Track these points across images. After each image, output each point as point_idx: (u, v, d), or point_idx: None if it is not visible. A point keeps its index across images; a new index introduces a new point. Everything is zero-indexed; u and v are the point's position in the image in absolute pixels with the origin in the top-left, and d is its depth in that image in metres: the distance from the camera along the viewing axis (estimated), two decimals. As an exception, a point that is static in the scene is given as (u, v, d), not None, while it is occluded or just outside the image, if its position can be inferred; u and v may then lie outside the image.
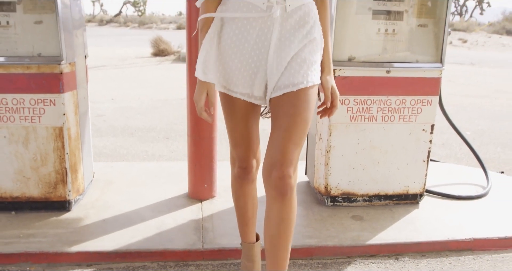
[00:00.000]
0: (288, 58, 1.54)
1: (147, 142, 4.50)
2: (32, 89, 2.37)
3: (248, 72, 1.57)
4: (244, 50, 1.55)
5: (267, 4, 1.50)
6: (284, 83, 1.53)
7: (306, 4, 1.57)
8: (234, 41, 1.55)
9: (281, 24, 1.53)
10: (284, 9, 1.53)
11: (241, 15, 1.52)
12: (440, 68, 2.57)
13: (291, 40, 1.55)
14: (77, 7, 2.56)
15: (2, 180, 2.49)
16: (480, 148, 4.56)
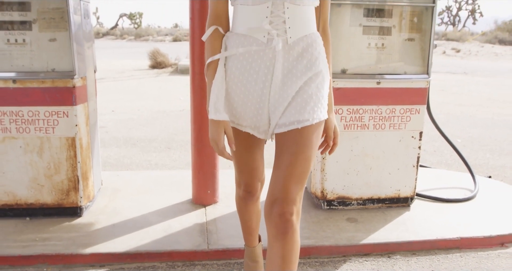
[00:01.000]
0: (292, 92, 1.52)
1: (150, 152, 4.66)
2: (46, 102, 2.54)
3: (255, 106, 1.55)
4: (248, 85, 1.54)
5: (267, 37, 1.50)
6: (289, 120, 1.50)
7: (309, 35, 1.55)
8: (238, 75, 1.54)
9: (284, 56, 1.51)
10: (286, 41, 1.51)
11: (243, 50, 1.52)
12: (426, 79, 2.76)
13: (294, 73, 1.52)
14: (87, 25, 2.75)
15: (18, 187, 2.65)
16: (470, 154, 4.75)
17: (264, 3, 1.48)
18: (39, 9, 2.49)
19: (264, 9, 1.49)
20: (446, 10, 42.46)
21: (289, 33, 1.50)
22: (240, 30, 1.54)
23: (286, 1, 1.48)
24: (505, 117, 7.06)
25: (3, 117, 2.55)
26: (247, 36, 1.52)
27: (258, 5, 1.49)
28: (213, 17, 1.59)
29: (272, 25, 1.49)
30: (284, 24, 1.50)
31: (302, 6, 1.51)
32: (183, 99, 8.08)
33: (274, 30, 1.48)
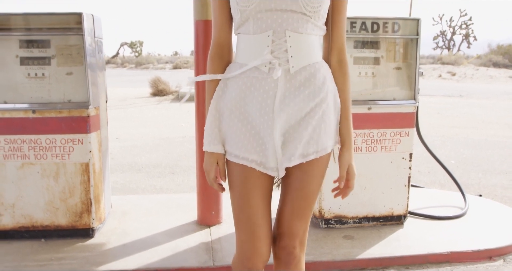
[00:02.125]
0: (295, 124, 1.47)
1: (154, 177, 4.84)
2: (63, 131, 2.75)
3: (257, 137, 1.47)
4: (248, 114, 1.48)
5: (269, 66, 1.45)
6: (294, 154, 1.46)
7: (312, 65, 1.49)
8: (238, 104, 1.49)
9: (285, 85, 1.46)
10: (288, 71, 1.46)
11: (242, 75, 1.48)
12: (414, 104, 2.98)
13: (296, 102, 1.47)
14: (100, 59, 2.98)
15: (35, 210, 2.83)
16: (463, 174, 4.94)
17: (265, 32, 1.44)
18: (58, 46, 2.73)
19: (265, 38, 1.45)
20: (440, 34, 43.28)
21: (291, 63, 1.45)
22: (242, 59, 1.50)
23: (287, 30, 1.44)
24: (498, 139, 7.27)
25: (22, 145, 2.75)
26: (249, 65, 1.47)
27: (259, 34, 1.45)
28: (215, 47, 1.56)
29: (274, 54, 1.45)
30: (286, 53, 1.45)
31: (305, 34, 1.47)
32: (185, 126, 8.31)
33: (275, 60, 1.44)
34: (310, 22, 1.46)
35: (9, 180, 2.79)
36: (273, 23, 1.44)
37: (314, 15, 1.45)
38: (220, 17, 1.54)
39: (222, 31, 1.55)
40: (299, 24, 1.45)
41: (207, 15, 2.81)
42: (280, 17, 1.43)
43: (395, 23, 2.85)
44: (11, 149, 2.76)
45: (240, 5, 1.44)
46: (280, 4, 1.41)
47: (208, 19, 2.80)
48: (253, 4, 1.42)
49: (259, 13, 1.43)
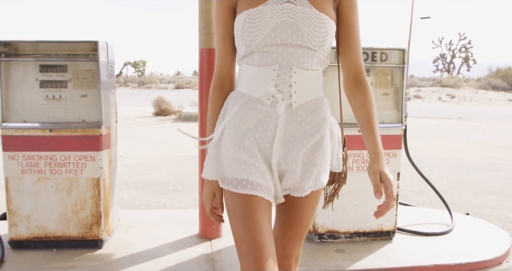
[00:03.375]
0: (295, 159, 1.48)
1: (158, 194, 5.06)
2: (76, 148, 2.98)
3: (258, 164, 1.46)
4: (249, 143, 1.47)
5: (272, 100, 1.45)
6: (293, 187, 1.50)
7: (314, 101, 1.51)
8: (239, 136, 1.48)
9: (286, 119, 1.47)
10: (290, 106, 1.46)
11: (246, 106, 1.47)
12: (401, 127, 3.22)
13: (296, 137, 1.49)
14: (112, 83, 3.23)
15: (48, 222, 3.05)
16: (454, 194, 5.14)
17: (271, 66, 1.45)
18: (74, 71, 2.99)
19: (271, 72, 1.45)
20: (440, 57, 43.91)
21: (294, 98, 1.46)
22: (244, 89, 1.51)
23: (293, 65, 1.45)
24: (492, 161, 7.49)
25: (39, 161, 2.98)
26: (252, 97, 1.48)
27: (265, 66, 1.45)
28: (217, 79, 1.59)
29: (278, 88, 1.45)
30: (290, 88, 1.46)
31: (310, 71, 1.48)
32: (187, 146, 8.55)
33: (279, 94, 1.44)
34: (316, 57, 1.48)
35: (26, 193, 3.01)
36: (278, 57, 1.44)
37: (319, 49, 1.46)
38: (223, 49, 1.56)
39: (224, 63, 1.57)
40: (304, 59, 1.45)
41: (211, 44, 3.07)
42: (286, 52, 1.44)
43: (383, 53, 3.11)
44: (28, 164, 2.99)
45: (245, 39, 1.44)
46: (286, 38, 1.43)
47: (212, 48, 3.06)
48: (259, 39, 1.43)
49: (264, 47, 1.44)
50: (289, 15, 1.43)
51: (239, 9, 1.47)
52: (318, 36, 1.43)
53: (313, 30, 1.43)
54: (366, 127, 1.55)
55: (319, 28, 1.43)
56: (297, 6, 1.43)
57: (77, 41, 2.97)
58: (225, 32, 1.53)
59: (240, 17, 1.45)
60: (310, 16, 1.43)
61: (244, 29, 1.43)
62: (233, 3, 1.50)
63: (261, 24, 1.42)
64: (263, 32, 1.42)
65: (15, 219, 3.03)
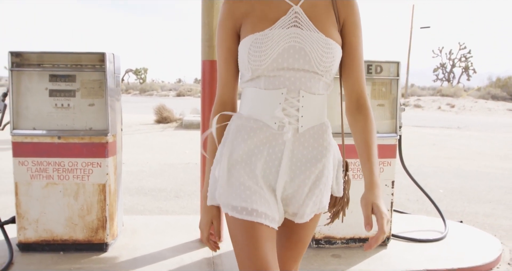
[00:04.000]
0: (300, 184, 1.47)
1: (160, 200, 5.18)
2: (84, 155, 3.11)
3: (262, 190, 1.43)
4: (255, 167, 1.44)
5: (278, 124, 1.43)
6: (293, 211, 1.50)
7: (320, 125, 1.50)
8: (244, 159, 1.45)
9: (293, 144, 1.46)
10: (296, 130, 1.45)
11: (250, 129, 1.45)
12: (395, 137, 3.34)
13: (303, 162, 1.47)
14: (118, 92, 3.36)
15: (55, 226, 3.16)
16: (449, 203, 5.26)
17: (279, 89, 1.43)
18: (82, 81, 3.13)
19: (278, 95, 1.43)
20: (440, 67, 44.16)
21: (301, 122, 1.45)
22: (249, 112, 1.48)
23: (301, 89, 1.43)
24: (488, 170, 7.60)
25: (47, 167, 3.11)
26: (257, 120, 1.45)
27: (272, 90, 1.44)
28: (218, 105, 1.56)
29: (285, 112, 1.43)
30: (297, 112, 1.44)
31: (317, 95, 1.47)
32: (188, 153, 8.67)
33: (286, 118, 1.43)
34: (322, 81, 1.47)
35: (34, 197, 3.13)
36: (286, 81, 1.43)
37: (326, 74, 1.45)
38: (225, 74, 1.54)
39: (226, 89, 1.55)
40: (311, 83, 1.44)
41: (213, 56, 3.21)
42: (293, 76, 1.43)
43: (378, 66, 3.25)
44: (37, 170, 3.11)
45: (252, 64, 1.42)
46: (293, 63, 1.41)
47: (214, 60, 3.19)
48: (266, 64, 1.41)
49: (271, 71, 1.42)
50: (296, 39, 1.42)
51: (244, 33, 1.46)
52: (325, 61, 1.43)
53: (320, 55, 1.42)
54: (364, 155, 1.52)
55: (326, 53, 1.42)
56: (304, 30, 1.43)
57: (85, 52, 3.11)
58: (228, 55, 1.52)
59: (246, 41, 1.43)
60: (317, 41, 1.42)
61: (251, 53, 1.41)
62: (237, 26, 1.49)
63: (268, 49, 1.40)
64: (270, 57, 1.40)
65: (23, 222, 3.15)
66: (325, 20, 1.47)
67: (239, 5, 1.49)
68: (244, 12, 1.48)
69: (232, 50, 1.51)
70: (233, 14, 1.49)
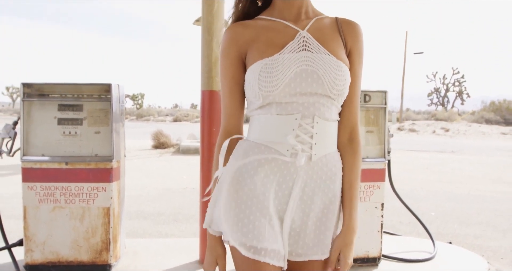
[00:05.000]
0: (313, 217, 1.41)
1: (159, 224, 5.32)
2: (89, 180, 3.29)
3: (269, 223, 1.37)
4: (265, 200, 1.38)
5: (291, 151, 1.37)
6: (306, 252, 1.42)
7: (332, 154, 1.45)
8: (252, 189, 1.39)
9: (307, 173, 1.40)
10: (309, 158, 1.39)
11: (261, 157, 1.39)
12: (384, 161, 3.54)
13: (315, 192, 1.42)
14: (122, 120, 3.56)
15: (61, 248, 3.32)
16: (440, 225, 5.42)
17: (292, 115, 1.38)
18: (89, 110, 3.33)
19: (292, 121, 1.38)
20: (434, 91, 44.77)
21: (314, 150, 1.39)
22: (258, 138, 1.42)
23: (315, 115, 1.38)
24: (479, 193, 7.78)
25: (55, 191, 3.28)
26: (268, 147, 1.40)
27: (285, 115, 1.38)
28: (223, 135, 1.50)
29: (298, 139, 1.38)
30: (311, 139, 1.39)
31: (331, 121, 1.43)
32: (186, 178, 8.83)
33: (299, 145, 1.37)
34: (334, 105, 1.43)
35: (42, 221, 3.29)
36: (299, 106, 1.38)
37: (338, 97, 1.42)
38: (231, 105, 1.49)
39: (232, 120, 1.49)
40: (325, 108, 1.40)
41: (212, 86, 3.42)
42: (307, 101, 1.38)
43: (366, 95, 3.47)
44: (45, 194, 3.29)
45: (263, 90, 1.37)
46: (306, 87, 1.37)
47: (213, 90, 3.41)
48: (278, 89, 1.36)
49: (283, 97, 1.37)
50: (307, 63, 1.38)
51: (251, 60, 1.42)
52: (338, 84, 1.39)
53: (333, 78, 1.38)
54: (347, 196, 1.47)
55: (339, 76, 1.39)
56: (314, 53, 1.40)
57: (92, 83, 3.33)
58: (233, 84, 1.47)
59: (255, 68, 1.39)
60: (329, 64, 1.39)
61: (261, 79, 1.36)
62: (242, 54, 1.45)
63: (279, 74, 1.35)
64: (282, 82, 1.35)
65: (31, 244, 3.30)
66: (333, 43, 1.45)
67: (243, 32, 1.45)
68: (248, 39, 1.44)
69: (237, 78, 1.46)
70: (237, 41, 1.45)
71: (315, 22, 1.47)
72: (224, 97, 1.50)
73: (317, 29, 1.45)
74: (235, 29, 1.47)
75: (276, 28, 1.44)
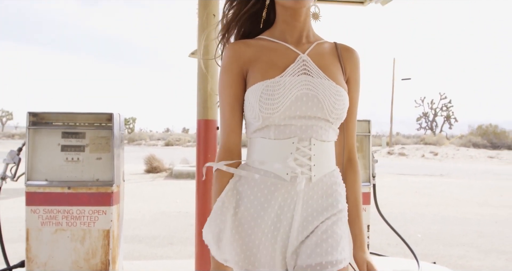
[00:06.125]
0: (316, 231, 1.41)
1: (155, 247, 5.47)
2: (91, 203, 3.47)
3: (269, 248, 1.40)
4: (264, 224, 1.40)
5: (291, 174, 1.39)
6: (309, 264, 1.37)
7: (331, 173, 1.47)
8: (252, 213, 1.41)
9: (307, 194, 1.42)
10: (309, 179, 1.41)
11: (261, 182, 1.41)
12: (369, 185, 3.76)
13: (319, 211, 1.43)
14: (122, 147, 3.77)
15: (62, 269, 3.46)
16: (426, 246, 5.62)
17: (289, 139, 1.40)
18: (91, 137, 3.54)
19: (289, 145, 1.40)
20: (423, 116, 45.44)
21: (313, 171, 1.42)
22: (258, 164, 1.44)
23: (312, 137, 1.41)
24: (465, 215, 8.00)
25: (57, 214, 3.45)
26: (267, 172, 1.42)
27: (282, 139, 1.41)
28: (223, 152, 1.49)
29: (297, 162, 1.40)
30: (309, 161, 1.41)
31: (327, 142, 1.45)
32: (179, 202, 8.98)
33: (298, 168, 1.39)
34: (331, 128, 1.46)
35: (44, 242, 3.45)
36: (297, 130, 1.41)
37: (336, 121, 1.45)
38: (231, 122, 1.49)
39: (232, 136, 1.50)
40: (322, 131, 1.43)
41: (207, 116, 3.64)
42: (304, 124, 1.40)
43: (351, 123, 3.71)
44: (48, 217, 3.45)
45: (263, 112, 1.39)
46: (306, 111, 1.39)
47: (208, 119, 3.63)
48: (279, 112, 1.38)
49: (283, 120, 1.40)
50: (308, 87, 1.40)
51: (252, 80, 1.44)
52: (337, 109, 1.42)
53: (333, 103, 1.41)
54: (353, 212, 1.54)
55: (338, 100, 1.42)
56: (314, 78, 1.43)
57: (95, 112, 3.54)
58: (234, 101, 1.47)
59: (256, 89, 1.41)
60: (329, 89, 1.42)
61: (262, 101, 1.38)
62: (244, 71, 1.47)
63: (280, 97, 1.38)
64: (283, 105, 1.37)
65: (32, 266, 3.45)
66: (333, 68, 1.49)
67: (246, 50, 1.48)
68: (250, 58, 1.46)
69: (238, 95, 1.47)
70: (239, 58, 1.47)
71: (316, 47, 1.51)
72: (225, 113, 1.50)
73: (318, 53, 1.50)
74: (237, 46, 1.49)
75: (278, 50, 1.48)
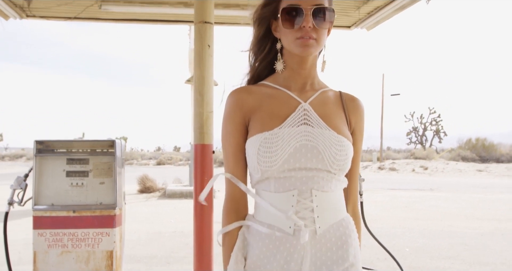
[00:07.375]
0: None
1: (153, 266, 5.65)
2: (94, 225, 3.68)
3: None
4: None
5: (294, 227, 1.36)
6: None
7: (340, 221, 1.43)
8: (259, 265, 1.39)
9: (315, 247, 1.38)
10: (314, 232, 1.37)
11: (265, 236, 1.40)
12: (355, 202, 4.01)
13: (328, 264, 1.38)
14: (123, 171, 4.00)
15: (68, 289, 3.66)
16: (414, 260, 5.86)
17: (289, 191, 1.37)
18: (94, 163, 3.77)
19: (290, 198, 1.37)
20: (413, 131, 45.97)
21: (317, 223, 1.37)
22: (262, 218, 1.43)
23: (313, 188, 1.37)
24: (452, 229, 8.26)
25: (63, 237, 3.66)
26: (271, 225, 1.40)
27: (282, 192, 1.38)
28: (230, 202, 1.49)
29: (299, 215, 1.36)
30: (312, 213, 1.37)
31: (331, 192, 1.40)
32: (174, 222, 9.15)
33: (301, 221, 1.35)
34: (334, 179, 1.41)
35: (50, 264, 3.65)
36: (297, 182, 1.37)
37: (339, 172, 1.40)
38: (234, 170, 1.48)
39: (237, 185, 1.48)
40: (324, 182, 1.38)
41: (203, 141, 3.89)
42: (305, 176, 1.37)
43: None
44: (54, 240, 3.66)
45: (262, 165, 1.37)
46: (305, 163, 1.36)
47: (204, 144, 3.88)
48: (277, 165, 1.35)
49: (282, 173, 1.37)
50: (307, 138, 1.38)
51: (252, 130, 1.43)
52: (339, 160, 1.38)
53: (334, 153, 1.37)
54: None
55: (339, 151, 1.38)
56: (315, 128, 1.40)
57: (98, 140, 3.78)
58: (237, 150, 1.47)
59: (255, 140, 1.39)
60: (330, 139, 1.39)
61: (260, 154, 1.37)
62: (246, 120, 1.45)
63: (278, 149, 1.35)
64: (281, 158, 1.35)
65: (40, 287, 3.64)
66: (335, 118, 1.45)
67: (248, 98, 1.46)
68: (252, 107, 1.45)
69: (241, 144, 1.46)
70: (241, 107, 1.46)
71: (320, 95, 1.48)
72: (228, 162, 1.50)
73: (321, 102, 1.47)
74: (240, 94, 1.48)
75: (280, 98, 1.45)
